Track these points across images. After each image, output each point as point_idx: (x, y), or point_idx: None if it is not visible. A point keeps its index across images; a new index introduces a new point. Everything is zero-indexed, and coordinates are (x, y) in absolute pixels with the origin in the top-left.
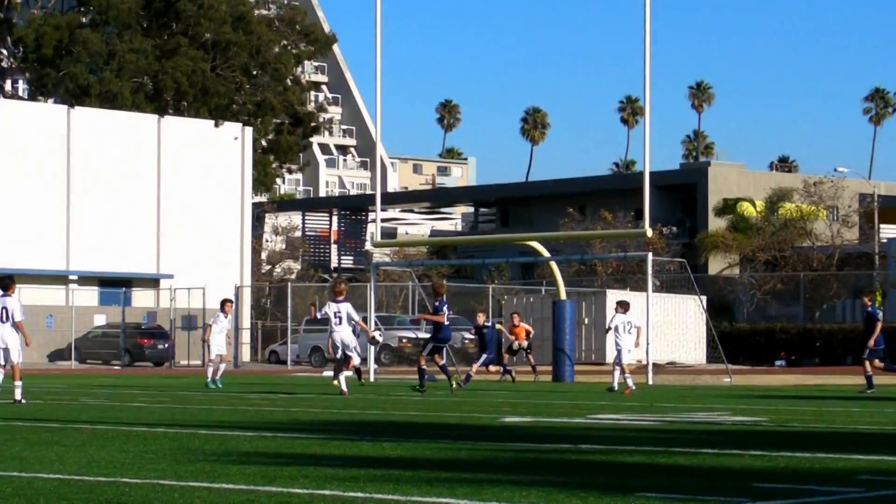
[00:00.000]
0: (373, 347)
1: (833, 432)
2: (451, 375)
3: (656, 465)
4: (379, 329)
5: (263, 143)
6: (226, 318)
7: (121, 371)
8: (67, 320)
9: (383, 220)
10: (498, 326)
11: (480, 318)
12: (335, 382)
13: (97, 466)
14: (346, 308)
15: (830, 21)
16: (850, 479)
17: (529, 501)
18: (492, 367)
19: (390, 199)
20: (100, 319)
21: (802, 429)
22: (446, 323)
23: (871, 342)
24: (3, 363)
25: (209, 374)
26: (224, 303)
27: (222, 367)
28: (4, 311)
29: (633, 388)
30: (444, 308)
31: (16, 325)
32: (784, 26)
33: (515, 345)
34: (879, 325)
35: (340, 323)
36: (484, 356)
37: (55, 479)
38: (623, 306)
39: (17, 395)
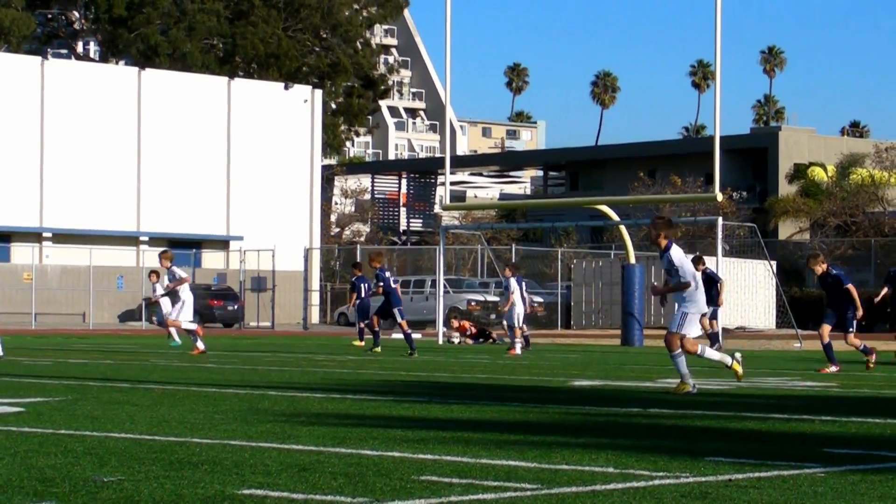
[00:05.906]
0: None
1: None
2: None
3: (726, 430)
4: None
5: (333, 105)
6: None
7: None
8: (138, 281)
9: (452, 184)
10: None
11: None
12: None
13: (168, 426)
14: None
15: None
16: None
17: (598, 465)
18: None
19: (459, 163)
20: None
21: (873, 394)
22: (393, 287)
23: (721, 300)
24: None
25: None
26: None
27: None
28: None
29: (519, 353)
30: (384, 274)
31: None
32: None
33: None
34: (722, 286)
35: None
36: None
37: (126, 438)
38: (514, 268)
39: None
